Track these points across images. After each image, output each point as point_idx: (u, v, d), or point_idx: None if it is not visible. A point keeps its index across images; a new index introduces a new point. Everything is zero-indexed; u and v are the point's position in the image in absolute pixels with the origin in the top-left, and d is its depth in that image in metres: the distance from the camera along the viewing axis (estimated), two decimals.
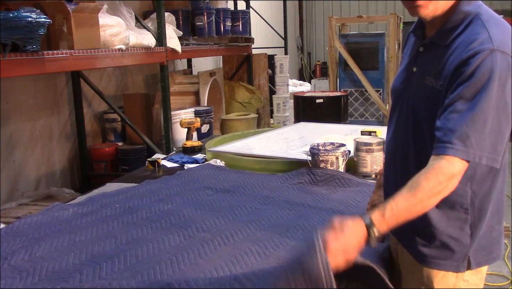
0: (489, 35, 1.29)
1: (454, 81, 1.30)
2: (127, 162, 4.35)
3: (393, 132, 1.55)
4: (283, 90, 7.17)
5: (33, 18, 2.47)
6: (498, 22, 1.36)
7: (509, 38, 1.31)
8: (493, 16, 1.37)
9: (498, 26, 1.34)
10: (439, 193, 1.27)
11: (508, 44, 1.29)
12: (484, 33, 1.30)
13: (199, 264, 1.56)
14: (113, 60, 3.50)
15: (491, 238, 1.45)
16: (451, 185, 1.28)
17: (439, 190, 1.26)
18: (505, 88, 1.27)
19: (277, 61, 7.25)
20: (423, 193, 1.26)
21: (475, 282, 1.46)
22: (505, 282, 3.41)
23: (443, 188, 1.27)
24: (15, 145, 3.67)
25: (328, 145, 2.52)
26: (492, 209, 1.43)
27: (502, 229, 1.49)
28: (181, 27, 4.86)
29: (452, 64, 1.32)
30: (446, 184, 1.26)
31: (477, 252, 1.43)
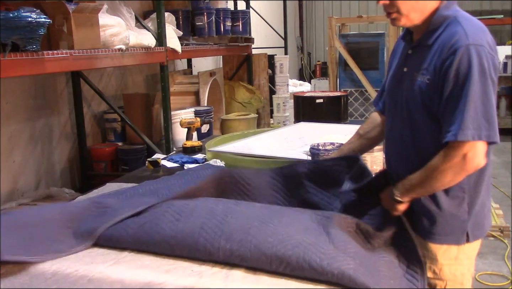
0: (465, 32, 1.52)
1: (441, 76, 1.54)
2: (127, 162, 4.35)
3: (391, 124, 1.80)
4: (283, 90, 7.16)
5: (33, 18, 2.47)
6: (473, 22, 1.58)
7: (482, 33, 1.54)
8: (469, 18, 1.61)
9: (473, 25, 1.56)
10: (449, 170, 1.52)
11: (481, 38, 1.52)
12: (460, 31, 1.53)
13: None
14: (113, 60, 3.50)
15: (483, 213, 1.70)
16: (465, 166, 1.50)
17: (448, 168, 1.51)
18: (485, 74, 1.48)
19: (277, 61, 7.24)
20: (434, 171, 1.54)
21: (472, 254, 1.71)
22: (505, 282, 3.41)
23: (456, 168, 1.51)
24: (15, 145, 3.67)
25: (328, 145, 2.52)
26: (484, 187, 1.67)
27: (490, 205, 1.75)
28: (181, 27, 4.86)
29: (438, 61, 1.55)
30: (459, 165, 1.50)
31: (474, 227, 1.67)
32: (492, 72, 1.50)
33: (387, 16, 1.65)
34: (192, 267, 1.53)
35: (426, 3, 1.61)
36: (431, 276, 1.69)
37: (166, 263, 1.57)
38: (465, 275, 1.71)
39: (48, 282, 1.45)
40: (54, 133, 4.12)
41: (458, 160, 1.50)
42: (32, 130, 3.86)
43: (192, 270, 1.51)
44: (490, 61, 1.50)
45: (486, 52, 1.49)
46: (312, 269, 1.40)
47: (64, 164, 4.25)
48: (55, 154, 4.14)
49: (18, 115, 3.71)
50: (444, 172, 1.52)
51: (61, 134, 4.21)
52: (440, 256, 1.69)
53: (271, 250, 1.46)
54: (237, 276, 1.47)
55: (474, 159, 1.50)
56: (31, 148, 3.85)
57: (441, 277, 1.71)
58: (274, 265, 1.45)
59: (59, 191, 3.70)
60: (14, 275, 1.50)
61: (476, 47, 1.49)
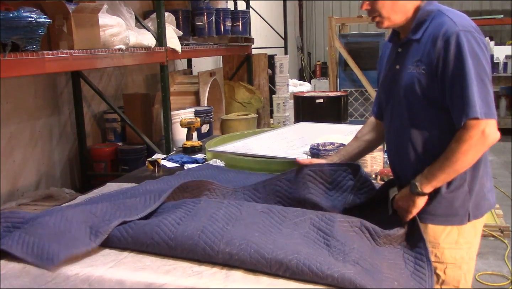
0: (452, 20, 1.61)
1: (438, 65, 1.61)
2: (127, 162, 4.35)
3: (391, 119, 1.85)
4: (283, 90, 7.16)
5: (33, 18, 2.47)
6: (456, 12, 1.66)
7: (466, 20, 1.63)
8: (451, 9, 1.68)
9: (457, 14, 1.65)
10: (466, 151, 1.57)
11: (468, 24, 1.61)
12: (448, 21, 1.61)
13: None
14: (113, 60, 3.49)
15: (483, 193, 1.75)
16: (486, 141, 1.56)
17: (469, 148, 1.57)
18: (478, 56, 1.57)
19: (277, 61, 7.24)
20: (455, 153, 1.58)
21: (470, 240, 1.77)
22: (505, 282, 3.41)
23: (477, 146, 1.57)
24: (15, 145, 3.67)
25: (328, 145, 2.52)
26: (483, 168, 1.74)
27: (490, 186, 1.79)
28: (181, 27, 4.86)
29: (432, 51, 1.62)
30: (479, 142, 1.56)
31: (474, 206, 1.73)
32: (484, 54, 1.59)
33: (372, 20, 1.76)
34: (192, 267, 1.53)
35: (406, 4, 1.70)
36: (433, 259, 1.71)
37: (166, 263, 1.57)
38: (464, 259, 1.76)
39: (48, 285, 1.45)
40: (54, 133, 4.12)
41: (478, 137, 1.55)
42: (32, 130, 3.86)
43: (192, 271, 1.51)
44: (481, 44, 1.59)
45: (476, 36, 1.59)
46: (312, 273, 1.41)
47: (64, 164, 4.25)
48: (55, 154, 4.14)
49: (18, 115, 3.71)
50: (466, 152, 1.57)
51: (61, 134, 4.21)
52: (442, 240, 1.74)
53: (271, 254, 1.46)
54: (237, 276, 1.47)
55: (491, 134, 1.56)
56: (31, 148, 3.85)
57: (442, 261, 1.76)
58: (274, 269, 1.45)
59: (59, 191, 3.69)
60: (14, 277, 1.50)
61: (465, 33, 1.57)
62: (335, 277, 1.38)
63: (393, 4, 1.68)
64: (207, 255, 1.52)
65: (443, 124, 1.67)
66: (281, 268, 1.44)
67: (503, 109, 8.14)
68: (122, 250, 1.67)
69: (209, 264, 1.55)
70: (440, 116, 1.67)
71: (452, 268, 1.76)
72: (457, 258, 1.76)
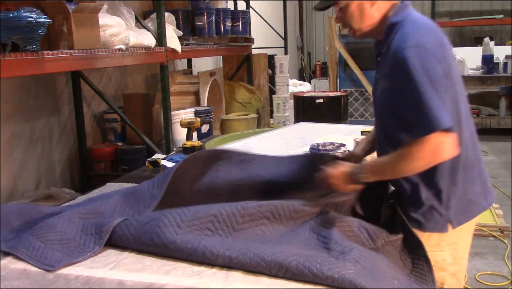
0: (406, 36, 1.57)
1: (391, 81, 1.62)
2: (127, 162, 4.35)
3: (375, 126, 1.89)
4: (283, 90, 7.16)
5: (33, 18, 2.47)
6: (416, 24, 1.62)
7: (425, 33, 1.58)
8: (414, 20, 1.64)
9: (416, 27, 1.61)
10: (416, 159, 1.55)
11: (422, 38, 1.55)
12: (400, 37, 1.59)
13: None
14: (113, 60, 3.49)
15: (467, 200, 1.71)
16: (435, 157, 1.54)
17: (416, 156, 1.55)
18: (428, 71, 1.51)
19: (277, 61, 7.24)
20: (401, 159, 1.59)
21: (454, 241, 1.73)
22: (505, 282, 3.41)
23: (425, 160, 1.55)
24: (15, 145, 3.67)
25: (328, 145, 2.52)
26: (464, 174, 1.69)
27: (479, 190, 1.75)
28: (181, 27, 4.86)
29: (388, 67, 1.63)
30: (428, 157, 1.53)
31: (457, 213, 1.70)
32: (435, 69, 1.53)
33: (348, 32, 1.82)
34: (191, 267, 1.53)
35: (373, 15, 1.71)
36: None
37: (166, 263, 1.57)
38: (446, 260, 1.73)
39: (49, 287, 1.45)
40: (54, 133, 4.12)
41: (427, 152, 1.52)
42: (32, 130, 3.86)
43: (192, 271, 1.51)
44: (432, 59, 1.53)
45: (428, 49, 1.53)
46: (312, 275, 1.41)
47: (64, 164, 4.25)
48: (55, 154, 4.14)
49: (18, 115, 3.71)
50: (416, 160, 1.56)
51: (61, 134, 4.21)
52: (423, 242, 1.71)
53: (270, 256, 1.46)
54: (237, 277, 1.47)
55: (442, 150, 1.52)
56: (31, 147, 3.85)
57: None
58: (274, 271, 1.45)
59: (59, 191, 3.70)
60: (14, 278, 1.50)
61: (414, 49, 1.53)
62: (335, 278, 1.38)
63: (361, 16, 1.71)
64: (206, 259, 1.53)
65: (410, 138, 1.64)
66: (281, 270, 1.44)
67: (503, 109, 8.12)
68: (122, 250, 1.67)
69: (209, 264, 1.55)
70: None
71: (433, 269, 1.70)
72: (438, 260, 1.71)
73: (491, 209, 4.42)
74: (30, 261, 1.57)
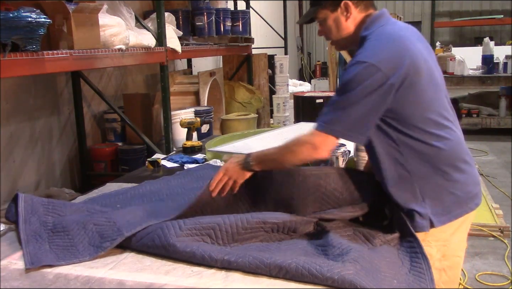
0: (364, 52, 1.64)
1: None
2: (127, 162, 4.35)
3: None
4: (283, 90, 7.16)
5: (33, 18, 2.47)
6: (375, 42, 1.66)
7: (377, 51, 1.62)
8: (380, 36, 1.68)
9: (373, 44, 1.66)
10: (294, 153, 1.72)
11: (371, 56, 1.60)
12: (360, 52, 1.66)
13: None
14: (113, 60, 3.49)
15: (445, 201, 1.71)
16: (312, 153, 1.68)
17: (294, 150, 1.72)
18: (366, 88, 1.58)
19: (277, 61, 7.24)
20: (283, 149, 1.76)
21: (443, 238, 1.74)
22: (505, 282, 3.41)
23: (305, 153, 1.70)
24: (15, 145, 3.67)
25: None
26: (436, 179, 1.70)
27: (460, 192, 1.73)
28: (181, 27, 4.86)
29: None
30: (308, 151, 1.69)
31: (437, 213, 1.70)
32: (369, 86, 1.58)
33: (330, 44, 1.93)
34: (191, 267, 1.53)
35: (348, 26, 1.79)
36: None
37: (166, 264, 1.57)
38: (432, 255, 1.72)
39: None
40: (54, 134, 4.12)
41: (309, 146, 1.68)
42: (32, 130, 3.86)
43: (192, 271, 1.51)
44: (370, 77, 1.58)
45: (370, 70, 1.58)
46: (312, 276, 1.41)
47: (64, 164, 4.26)
48: (55, 154, 4.14)
49: (18, 115, 3.71)
50: (295, 154, 1.72)
51: (61, 134, 4.22)
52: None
53: (270, 259, 1.47)
54: (237, 276, 1.47)
55: (319, 148, 1.67)
56: (31, 148, 3.85)
57: None
58: (274, 273, 1.45)
59: (59, 191, 3.70)
60: (14, 279, 1.50)
61: (360, 64, 1.60)
62: (335, 279, 1.38)
63: (338, 28, 1.80)
64: (205, 262, 1.53)
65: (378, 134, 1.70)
66: (280, 272, 1.44)
67: (503, 109, 8.11)
68: (122, 250, 1.67)
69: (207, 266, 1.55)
70: (380, 134, 1.70)
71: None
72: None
73: (491, 209, 4.42)
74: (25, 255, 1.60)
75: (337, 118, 1.64)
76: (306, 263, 1.44)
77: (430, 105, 1.66)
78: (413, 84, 1.61)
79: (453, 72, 7.95)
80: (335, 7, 1.77)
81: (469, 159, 1.77)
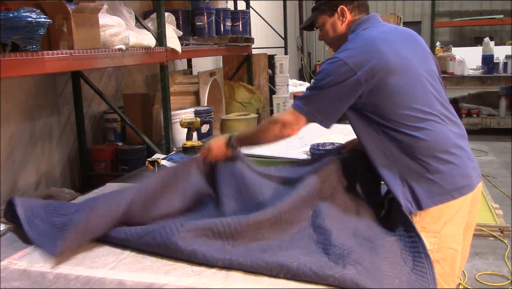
0: (339, 51, 1.83)
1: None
2: (127, 162, 4.34)
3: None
4: (283, 90, 7.16)
5: (33, 18, 2.47)
6: (355, 40, 1.85)
7: (352, 51, 1.79)
8: (357, 37, 1.86)
9: (352, 44, 1.83)
10: (267, 130, 1.93)
11: (345, 54, 1.78)
12: (337, 51, 1.85)
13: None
14: (113, 60, 3.49)
15: (429, 183, 1.76)
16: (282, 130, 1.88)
17: (267, 128, 1.94)
18: (333, 80, 1.75)
19: (277, 61, 7.24)
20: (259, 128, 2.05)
21: (434, 230, 1.77)
22: (505, 282, 3.41)
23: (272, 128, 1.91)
24: (15, 145, 3.67)
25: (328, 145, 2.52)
26: (414, 167, 1.76)
27: (442, 182, 1.75)
28: (181, 27, 4.86)
29: None
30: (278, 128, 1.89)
31: (421, 195, 1.76)
32: (336, 79, 1.75)
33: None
34: (191, 267, 1.54)
35: (343, 30, 1.97)
36: None
37: (166, 263, 1.57)
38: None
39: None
40: (54, 134, 4.12)
41: (280, 124, 1.88)
42: (32, 130, 3.86)
43: (192, 271, 1.52)
44: (337, 70, 1.76)
45: (339, 64, 1.76)
46: (313, 274, 1.42)
47: (64, 164, 4.26)
48: (55, 154, 4.14)
49: (18, 115, 3.71)
50: (268, 130, 1.92)
51: (61, 134, 4.21)
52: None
53: (271, 258, 1.48)
54: (237, 276, 1.47)
55: (289, 125, 1.86)
56: (31, 147, 3.85)
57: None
58: (275, 272, 1.46)
59: (59, 191, 3.69)
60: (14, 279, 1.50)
61: (333, 59, 1.79)
62: (336, 277, 1.39)
63: (334, 32, 1.99)
64: (207, 262, 1.54)
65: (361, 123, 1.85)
66: (281, 271, 1.45)
67: (503, 109, 8.10)
68: (122, 250, 1.67)
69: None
70: (357, 118, 1.85)
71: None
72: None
73: (491, 209, 4.42)
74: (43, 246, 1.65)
75: (307, 101, 1.83)
76: (307, 262, 1.45)
77: (408, 101, 1.77)
78: (385, 82, 1.75)
79: (453, 72, 7.95)
80: (332, 12, 1.96)
81: (457, 151, 1.80)
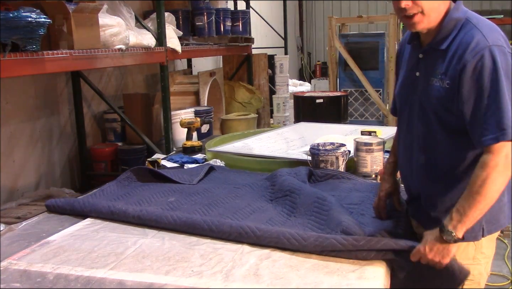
0: (483, 34, 1.51)
1: (464, 80, 1.51)
2: (127, 162, 4.34)
3: (406, 129, 1.77)
4: (283, 90, 7.16)
5: (33, 18, 2.47)
6: (485, 23, 1.58)
7: (497, 32, 1.54)
8: (480, 19, 1.60)
9: (486, 26, 1.56)
10: (498, 176, 1.46)
11: (499, 39, 1.52)
12: (478, 34, 1.52)
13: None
14: (113, 60, 3.49)
15: (497, 208, 1.61)
16: (505, 169, 1.45)
17: (497, 175, 1.45)
18: (508, 73, 1.48)
19: (277, 61, 7.24)
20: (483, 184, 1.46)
21: (488, 255, 1.71)
22: (505, 282, 3.41)
23: (503, 171, 1.45)
24: (15, 145, 3.67)
25: (328, 145, 2.52)
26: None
27: (506, 200, 1.67)
28: (181, 27, 4.86)
29: (458, 66, 1.53)
30: (505, 167, 1.45)
31: (488, 221, 1.63)
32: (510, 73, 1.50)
33: (407, 20, 1.59)
34: (192, 267, 1.54)
35: (441, 3, 1.59)
36: None
37: (166, 264, 1.57)
38: (482, 274, 1.70)
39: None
40: (54, 133, 4.12)
41: (503, 161, 1.45)
42: (32, 130, 3.86)
43: (192, 271, 1.52)
44: (510, 60, 1.50)
45: (506, 52, 1.50)
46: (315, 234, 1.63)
47: (64, 164, 4.25)
48: (55, 154, 4.13)
49: (18, 115, 3.71)
50: (495, 180, 1.45)
51: (61, 134, 4.21)
52: (459, 256, 1.61)
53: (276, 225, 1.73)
54: (237, 276, 1.47)
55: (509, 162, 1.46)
56: (31, 147, 3.85)
57: None
58: (282, 236, 1.62)
59: (59, 191, 3.70)
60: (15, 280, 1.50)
61: (499, 48, 1.49)
62: (343, 226, 1.64)
63: (435, 2, 1.57)
64: (206, 231, 1.73)
65: (456, 144, 1.60)
66: (285, 234, 1.62)
67: None
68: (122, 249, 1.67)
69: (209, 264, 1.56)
70: (453, 136, 1.60)
71: (470, 284, 1.67)
72: (475, 274, 1.67)
73: None
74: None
75: (507, 118, 1.45)
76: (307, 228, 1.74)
77: None
78: None
79: None
80: None
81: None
